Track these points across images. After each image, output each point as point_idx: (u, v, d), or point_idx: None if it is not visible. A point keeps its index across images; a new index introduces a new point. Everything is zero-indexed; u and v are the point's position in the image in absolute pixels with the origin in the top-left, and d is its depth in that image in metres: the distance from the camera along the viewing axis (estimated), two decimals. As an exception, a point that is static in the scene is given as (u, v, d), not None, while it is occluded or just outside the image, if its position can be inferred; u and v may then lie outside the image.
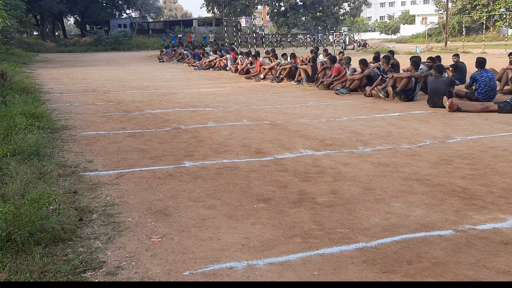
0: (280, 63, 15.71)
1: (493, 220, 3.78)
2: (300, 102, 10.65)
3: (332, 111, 9.23)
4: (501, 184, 4.69)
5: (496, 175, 4.99)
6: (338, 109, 9.54)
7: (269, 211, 4.07)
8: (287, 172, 5.22)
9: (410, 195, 4.41)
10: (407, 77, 10.28)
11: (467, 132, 7.11)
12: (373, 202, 4.24)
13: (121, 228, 3.73)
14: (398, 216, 3.91)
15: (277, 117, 8.68)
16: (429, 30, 55.74)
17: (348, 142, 6.62)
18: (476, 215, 3.90)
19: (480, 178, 4.88)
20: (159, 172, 5.25)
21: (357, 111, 9.20)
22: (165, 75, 18.04)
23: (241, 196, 4.45)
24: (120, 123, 8.15)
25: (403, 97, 10.34)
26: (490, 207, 4.07)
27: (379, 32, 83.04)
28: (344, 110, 9.40)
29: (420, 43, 46.62)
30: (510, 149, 6.02)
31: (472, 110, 8.85)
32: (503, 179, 4.85)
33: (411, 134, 7.06)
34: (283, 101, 10.72)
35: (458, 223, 3.73)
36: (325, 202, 4.27)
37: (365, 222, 3.79)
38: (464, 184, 4.71)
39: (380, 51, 21.31)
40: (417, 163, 5.50)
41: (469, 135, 6.90)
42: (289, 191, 4.59)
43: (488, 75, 9.90)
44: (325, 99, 11.03)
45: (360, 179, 4.94)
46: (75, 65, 23.24)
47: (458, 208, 4.07)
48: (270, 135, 7.12)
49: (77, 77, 17.16)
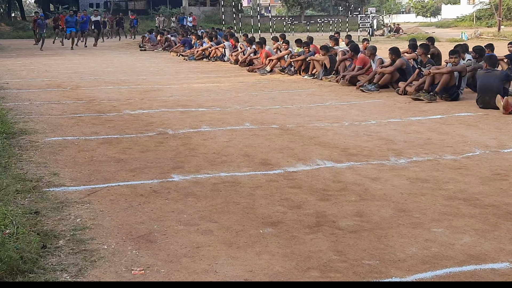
0: (291, 53, 15.78)
1: (560, 251, 3.78)
2: (317, 101, 10.69)
3: (356, 113, 9.26)
4: None
5: None
6: (364, 110, 9.57)
7: (279, 237, 4.08)
8: (300, 189, 5.24)
9: (456, 219, 4.42)
10: (449, 71, 10.29)
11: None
12: (408, 227, 4.25)
13: (94, 257, 3.75)
14: (440, 244, 3.92)
15: (288, 119, 8.72)
16: (477, 11, 55.83)
17: (377, 151, 6.64)
18: (538, 244, 3.91)
19: (543, 198, 4.89)
20: (141, 188, 5.27)
21: (388, 113, 9.22)
22: (148, 67, 18.16)
23: (244, 219, 4.47)
24: (92, 127, 8.20)
25: (445, 96, 10.36)
26: (556, 234, 4.07)
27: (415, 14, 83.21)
28: (372, 111, 9.42)
29: (466, 28, 46.70)
30: None
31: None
32: None
33: (456, 142, 7.08)
34: (295, 100, 10.76)
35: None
36: (348, 226, 4.28)
37: (399, 252, 3.80)
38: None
39: (416, 37, 21.36)
40: (464, 179, 5.51)
41: (529, 143, 6.92)
42: (304, 212, 4.61)
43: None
44: (348, 98, 11.06)
45: (392, 198, 4.96)
46: (36, 55, 23.41)
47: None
48: (279, 142, 7.14)
49: (38, 69, 17.30)
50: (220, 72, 16.27)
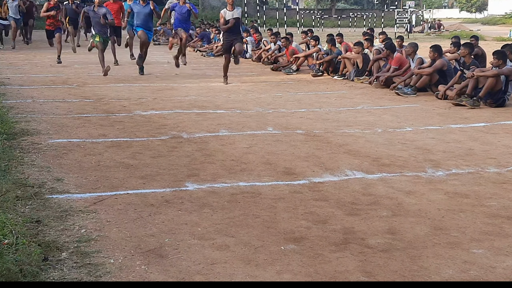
0: (321, 50, 15.79)
1: None
2: (347, 104, 10.68)
3: (390, 119, 9.24)
4: None
5: None
6: (399, 115, 9.54)
7: (302, 255, 4.10)
8: (327, 202, 5.25)
9: (498, 239, 4.41)
10: (494, 74, 10.22)
11: None
12: (445, 247, 4.24)
13: (100, 272, 3.79)
14: (480, 267, 3.91)
15: (315, 125, 8.73)
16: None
17: (412, 162, 6.63)
18: None
19: None
20: (152, 197, 5.32)
21: (426, 119, 9.19)
22: (162, 63, 18.26)
23: (264, 234, 4.49)
24: (100, 128, 8.29)
25: (489, 101, 10.30)
26: None
27: (459, 9, 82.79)
28: (408, 117, 9.40)
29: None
30: None
31: None
32: None
33: (500, 153, 7.04)
34: (323, 103, 10.77)
35: None
36: (379, 245, 4.29)
37: (435, 274, 3.80)
38: None
39: (459, 35, 21.23)
40: (509, 194, 5.49)
41: None
42: (330, 228, 4.62)
43: None
44: (382, 102, 11.04)
45: (428, 214, 4.95)
46: (40, 47, 23.63)
47: None
48: (305, 149, 7.16)
49: (42, 64, 17.51)
50: (241, 70, 16.31)
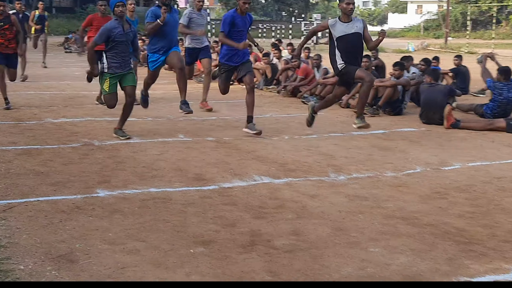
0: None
1: (494, 271, 4.03)
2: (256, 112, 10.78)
3: (297, 126, 9.45)
4: (507, 225, 4.99)
5: (501, 213, 5.30)
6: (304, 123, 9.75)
7: (210, 257, 4.17)
8: (235, 206, 5.34)
9: (393, 238, 4.62)
10: (392, 85, 10.64)
11: (468, 157, 7.48)
12: (345, 247, 4.42)
13: (10, 278, 3.72)
14: (376, 264, 4.09)
15: (225, 132, 8.82)
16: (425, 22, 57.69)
17: (316, 167, 6.83)
18: (474, 264, 4.14)
19: (482, 217, 5.17)
20: (63, 204, 5.26)
21: (330, 127, 9.47)
22: (73, 71, 17.91)
23: (174, 238, 4.53)
24: (10, 136, 8.09)
25: (388, 110, 10.72)
26: (492, 255, 4.32)
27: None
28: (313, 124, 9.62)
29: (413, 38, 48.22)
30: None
31: (474, 127, 9.30)
32: (509, 218, 5.15)
33: (397, 158, 7.36)
34: (233, 111, 10.87)
35: (451, 274, 3.95)
36: (284, 246, 4.41)
37: (335, 272, 3.95)
38: (461, 224, 4.97)
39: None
40: (404, 197, 5.75)
41: (471, 161, 7.26)
42: (238, 231, 4.71)
43: (510, 95, 9.88)
44: (289, 110, 11.28)
45: (330, 216, 5.13)
46: None
47: (452, 255, 4.30)
48: (215, 156, 7.24)
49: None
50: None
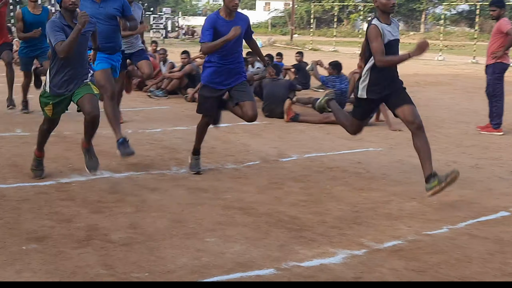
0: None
1: (321, 255, 4.27)
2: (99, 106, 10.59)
3: (141, 120, 9.41)
4: (336, 211, 5.30)
5: (331, 201, 5.62)
6: (150, 117, 9.76)
7: (44, 253, 4.08)
8: (73, 201, 5.26)
9: (230, 228, 4.76)
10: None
11: (305, 148, 7.84)
12: (182, 238, 4.49)
13: None
14: (211, 254, 4.20)
15: (66, 126, 8.56)
16: (273, 19, 59.42)
17: (159, 161, 6.86)
18: (303, 249, 4.37)
19: (314, 205, 5.46)
20: None
21: (175, 121, 9.52)
22: None
23: (5, 235, 4.39)
24: None
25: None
26: (320, 240, 4.58)
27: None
28: (158, 118, 9.65)
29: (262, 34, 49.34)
30: (350, 170, 6.80)
31: (312, 120, 9.76)
32: (339, 205, 5.48)
33: (238, 151, 7.56)
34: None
35: (281, 260, 4.14)
36: (120, 239, 4.40)
37: (170, 263, 4.01)
38: (294, 212, 5.22)
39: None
40: (243, 188, 5.94)
41: (307, 152, 7.63)
42: (74, 226, 4.64)
43: (342, 86, 10.55)
44: (134, 104, 11.17)
45: (169, 208, 5.18)
46: None
47: (284, 241, 4.51)
48: (54, 151, 7.03)
49: None
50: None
